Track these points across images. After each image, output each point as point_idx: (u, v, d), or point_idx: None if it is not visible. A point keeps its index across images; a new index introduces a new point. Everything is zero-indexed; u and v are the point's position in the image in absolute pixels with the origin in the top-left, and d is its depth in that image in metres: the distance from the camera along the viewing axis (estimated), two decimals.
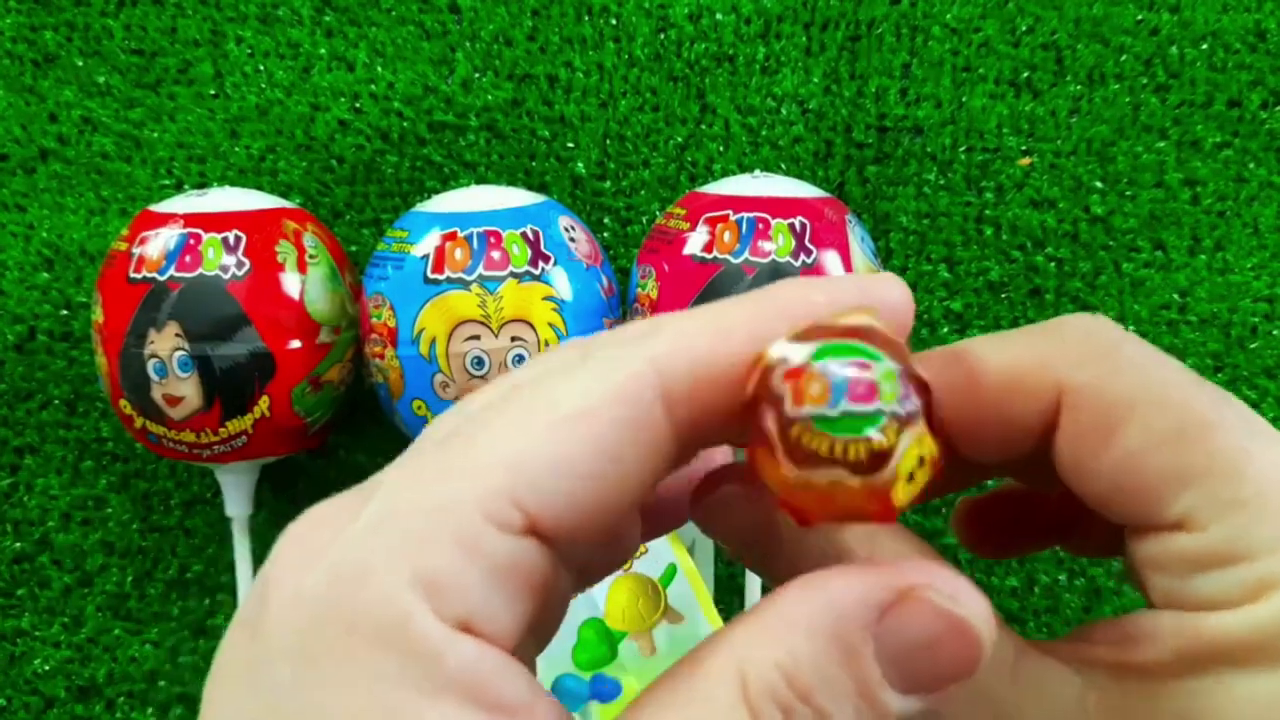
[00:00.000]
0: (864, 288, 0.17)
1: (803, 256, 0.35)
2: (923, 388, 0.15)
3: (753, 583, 0.40)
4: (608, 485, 0.15)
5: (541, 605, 0.16)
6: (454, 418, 0.16)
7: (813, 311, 0.16)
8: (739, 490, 0.18)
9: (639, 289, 0.38)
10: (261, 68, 0.45)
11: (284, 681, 0.14)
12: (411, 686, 0.13)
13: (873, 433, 0.14)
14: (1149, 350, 0.18)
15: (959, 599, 0.15)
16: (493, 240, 0.36)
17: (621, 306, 0.39)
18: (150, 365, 0.36)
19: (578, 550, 0.16)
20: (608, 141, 0.44)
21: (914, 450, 0.14)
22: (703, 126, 0.44)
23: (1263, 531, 0.16)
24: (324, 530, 0.15)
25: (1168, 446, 0.16)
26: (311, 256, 0.38)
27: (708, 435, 0.16)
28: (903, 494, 0.14)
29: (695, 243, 0.36)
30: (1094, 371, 0.17)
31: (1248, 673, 0.15)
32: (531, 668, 0.17)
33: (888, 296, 0.17)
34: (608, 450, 0.15)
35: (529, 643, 0.16)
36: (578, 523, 0.15)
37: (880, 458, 0.14)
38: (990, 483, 0.22)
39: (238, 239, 0.36)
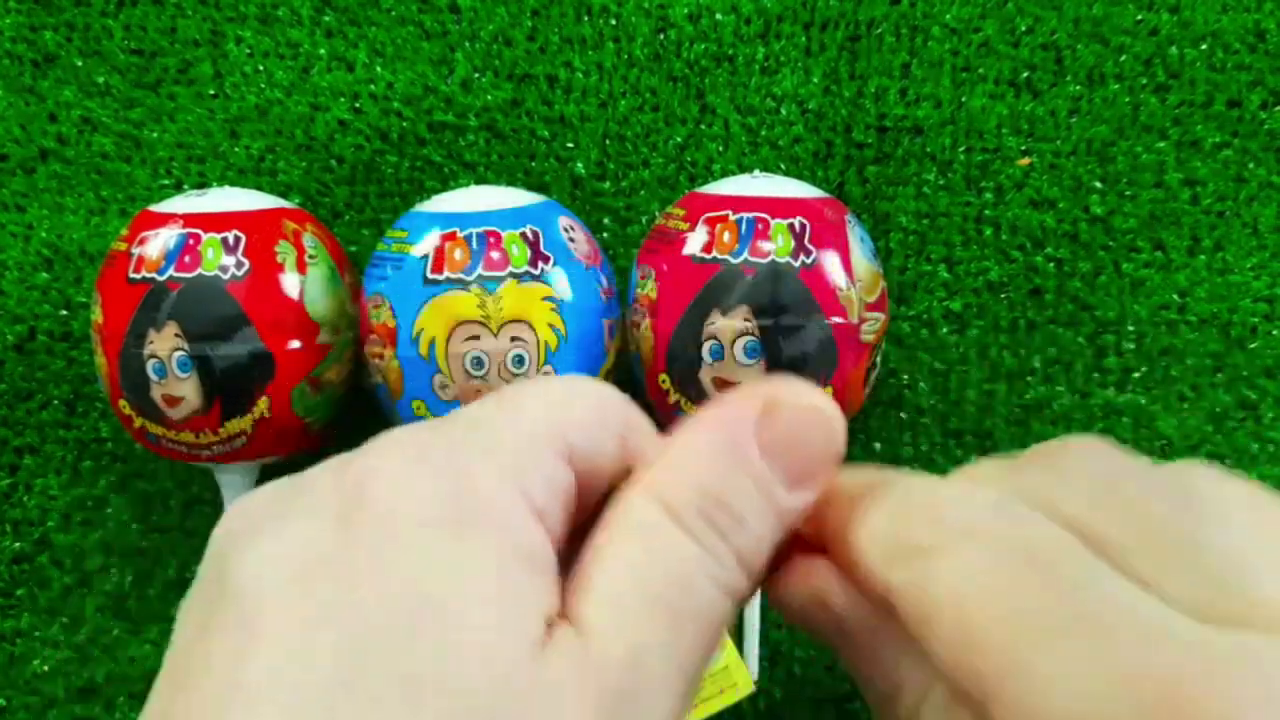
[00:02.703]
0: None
1: (802, 256, 0.35)
2: None
3: None
4: (610, 451, 0.19)
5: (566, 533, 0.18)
6: (505, 390, 0.19)
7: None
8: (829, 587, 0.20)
9: (638, 289, 0.38)
10: (261, 68, 0.45)
11: (425, 548, 0.16)
12: (509, 553, 0.16)
13: None
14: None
15: (814, 397, 0.18)
16: (492, 240, 0.36)
17: (621, 307, 0.39)
18: (150, 365, 0.36)
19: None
20: (607, 141, 0.44)
21: None
22: (702, 126, 0.44)
23: None
24: (427, 441, 0.17)
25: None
26: (311, 257, 0.38)
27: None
28: None
29: (695, 243, 0.36)
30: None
31: None
32: None
33: None
34: (614, 428, 0.19)
35: None
36: (590, 469, 0.18)
37: None
38: None
39: (237, 239, 0.36)
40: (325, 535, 0.16)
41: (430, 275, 0.36)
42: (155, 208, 0.38)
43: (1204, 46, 0.43)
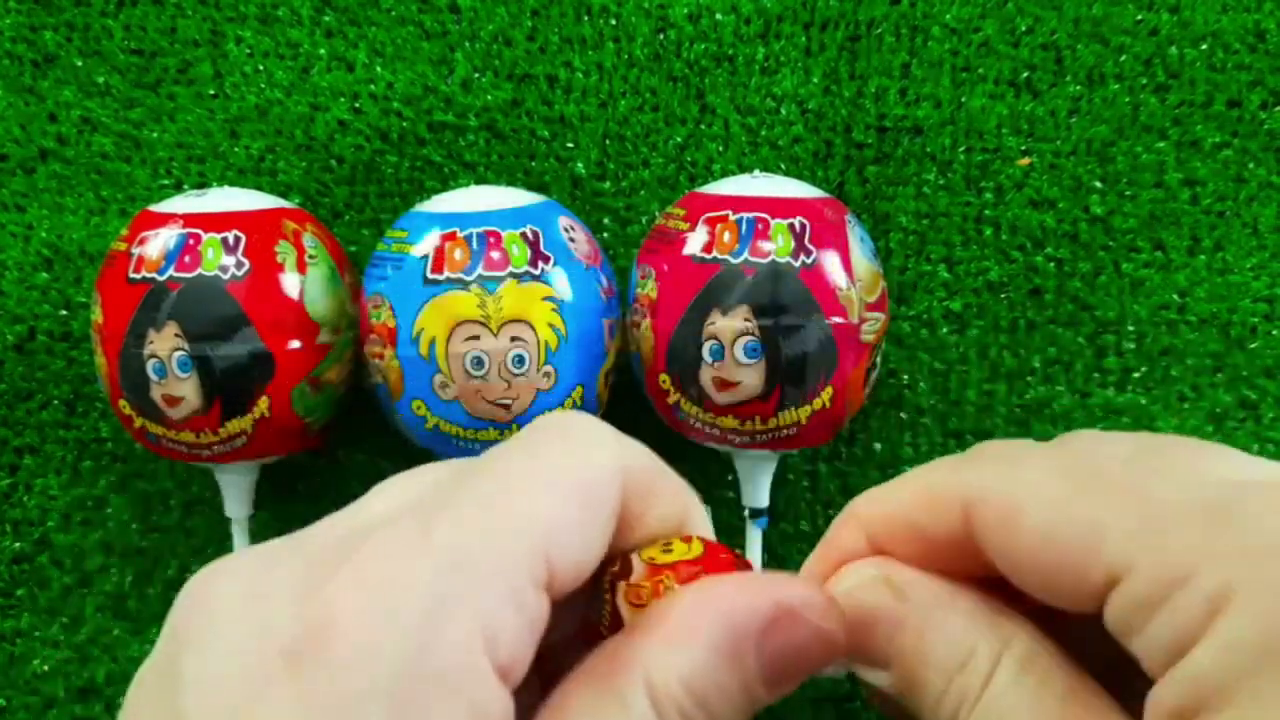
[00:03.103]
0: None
1: (802, 256, 0.35)
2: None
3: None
4: (595, 549, 0.18)
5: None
6: (492, 461, 0.18)
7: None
8: None
9: (638, 289, 0.38)
10: (261, 68, 0.45)
11: (372, 714, 0.15)
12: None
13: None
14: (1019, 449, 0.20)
15: (829, 615, 0.18)
16: (492, 240, 0.36)
17: (621, 307, 0.39)
18: (149, 365, 0.36)
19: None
20: (607, 141, 0.44)
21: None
22: (702, 126, 0.44)
23: (1181, 544, 0.16)
24: (399, 569, 0.16)
25: (1072, 510, 0.18)
26: (311, 257, 0.38)
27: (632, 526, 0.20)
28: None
29: (695, 243, 0.36)
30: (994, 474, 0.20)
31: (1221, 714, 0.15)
32: None
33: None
34: (598, 522, 0.18)
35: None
36: (573, 581, 0.18)
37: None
38: None
39: (237, 239, 0.36)
40: (275, 668, 0.15)
41: (430, 275, 0.36)
42: (155, 208, 0.38)
43: (1204, 46, 0.43)
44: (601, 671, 0.17)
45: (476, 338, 0.35)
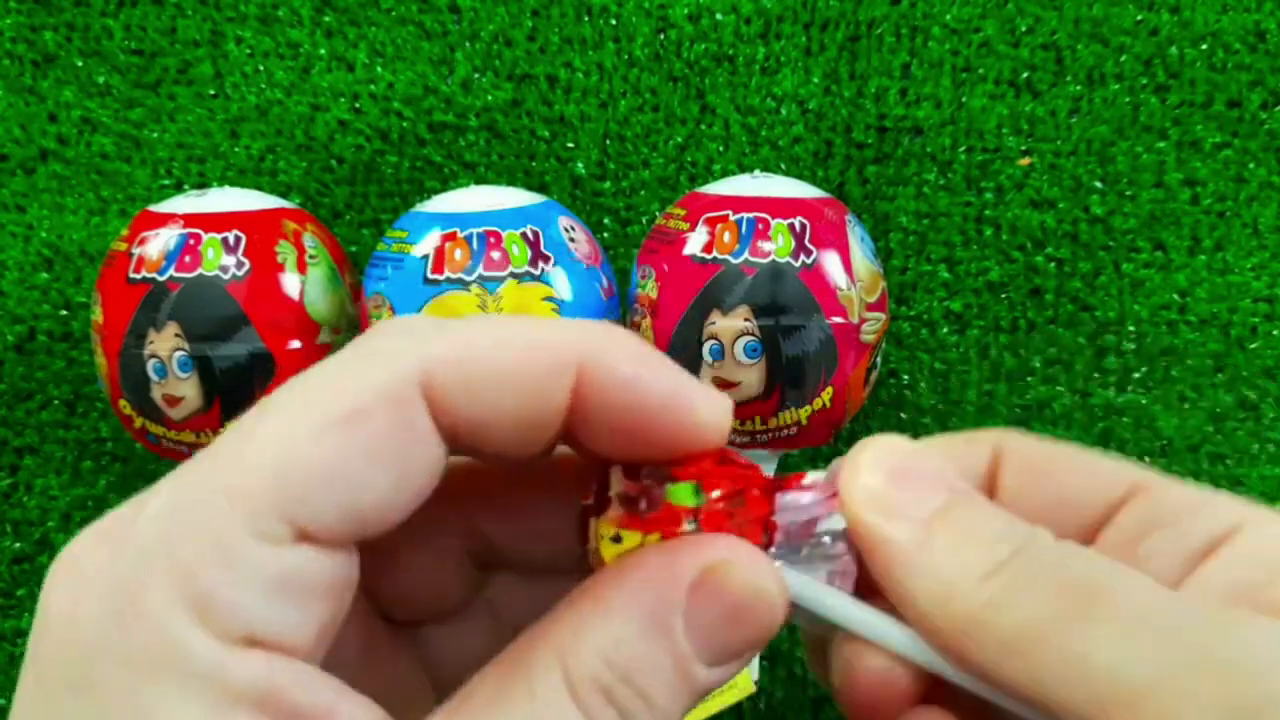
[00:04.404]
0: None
1: (802, 256, 0.35)
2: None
3: None
4: (378, 489, 0.15)
5: (342, 606, 0.15)
6: (237, 421, 0.15)
7: (586, 349, 0.16)
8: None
9: (639, 289, 0.38)
10: (261, 68, 0.45)
11: (67, 717, 0.13)
12: (198, 707, 0.13)
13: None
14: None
15: (758, 571, 0.16)
16: (492, 240, 0.36)
17: (621, 307, 0.39)
18: (150, 365, 0.36)
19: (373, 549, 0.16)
20: (608, 141, 0.44)
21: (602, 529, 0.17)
22: (702, 126, 0.44)
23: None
24: (97, 552, 0.14)
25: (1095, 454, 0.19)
26: (311, 257, 0.38)
27: (485, 439, 0.16)
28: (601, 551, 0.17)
29: (695, 243, 0.36)
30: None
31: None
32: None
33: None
34: (375, 455, 0.14)
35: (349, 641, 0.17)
36: (353, 527, 0.15)
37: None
38: None
39: (237, 239, 0.36)
40: (26, 677, 0.14)
41: (430, 275, 0.36)
42: (155, 208, 0.38)
43: (1204, 46, 0.43)
44: (512, 658, 0.15)
45: None
